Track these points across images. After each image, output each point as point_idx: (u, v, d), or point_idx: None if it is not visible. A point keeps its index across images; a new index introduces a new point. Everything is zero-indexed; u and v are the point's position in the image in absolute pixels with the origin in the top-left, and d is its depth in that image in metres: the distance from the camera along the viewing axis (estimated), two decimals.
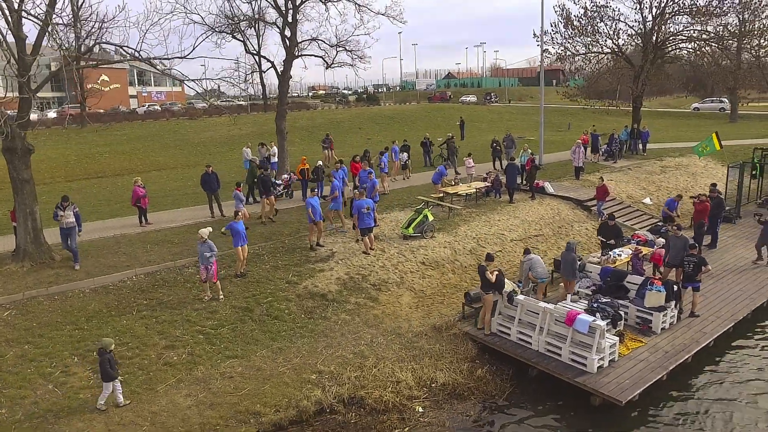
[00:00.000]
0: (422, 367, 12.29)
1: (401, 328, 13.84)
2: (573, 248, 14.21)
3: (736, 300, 14.92)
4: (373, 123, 44.78)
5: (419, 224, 18.01)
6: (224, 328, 13.39)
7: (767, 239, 17.09)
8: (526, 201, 21.90)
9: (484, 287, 13.14)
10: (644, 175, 27.12)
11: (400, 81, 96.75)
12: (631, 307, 13.49)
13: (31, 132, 37.89)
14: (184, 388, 11.49)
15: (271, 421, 10.72)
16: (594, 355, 11.38)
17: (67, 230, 15.03)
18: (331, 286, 15.29)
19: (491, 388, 11.85)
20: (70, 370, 11.71)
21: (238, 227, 15.11)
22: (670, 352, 12.31)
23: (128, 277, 15.14)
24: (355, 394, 11.47)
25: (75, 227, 15.21)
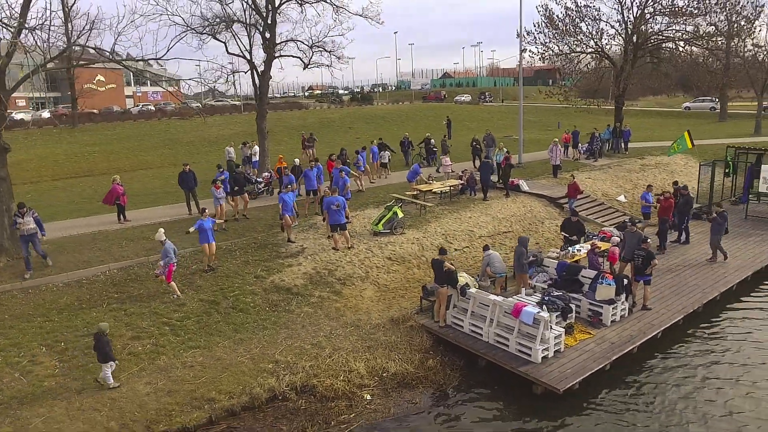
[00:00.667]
0: (375, 358, 12.74)
1: (360, 321, 14.31)
2: (524, 243, 14.62)
3: (690, 294, 15.31)
4: (364, 122, 45.28)
5: (389, 221, 18.46)
6: (190, 320, 13.89)
7: (715, 237, 17.44)
8: (500, 199, 22.32)
9: (438, 281, 13.58)
10: (623, 173, 27.51)
11: (396, 81, 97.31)
12: (584, 301, 13.92)
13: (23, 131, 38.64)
14: (145, 376, 11.98)
15: (224, 407, 11.20)
16: (538, 345, 11.81)
17: (28, 237, 14.86)
18: (298, 280, 15.77)
19: (440, 378, 12.30)
20: (37, 360, 12.20)
21: (204, 225, 15.59)
22: (616, 343, 12.73)
23: (102, 271, 15.66)
24: (308, 382, 11.94)
25: (36, 232, 15.07)
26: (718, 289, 15.61)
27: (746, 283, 16.70)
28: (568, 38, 30.84)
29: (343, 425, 10.83)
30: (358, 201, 21.60)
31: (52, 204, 21.91)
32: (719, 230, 17.20)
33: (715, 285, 15.87)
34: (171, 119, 43.92)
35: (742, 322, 14.82)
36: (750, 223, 21.87)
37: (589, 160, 29.71)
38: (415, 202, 20.74)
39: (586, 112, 35.35)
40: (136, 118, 47.81)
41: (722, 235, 17.38)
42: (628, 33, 30.16)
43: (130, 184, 25.12)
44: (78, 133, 38.95)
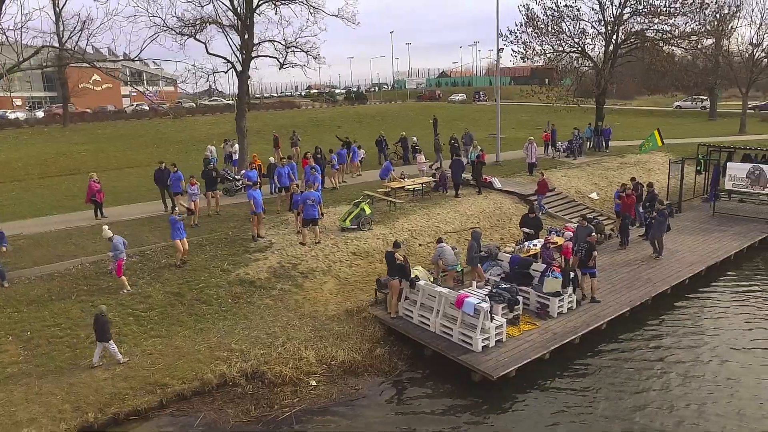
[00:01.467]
0: (326, 347, 13.28)
1: (317, 312, 14.84)
2: (476, 237, 15.14)
3: (641, 287, 15.75)
4: (354, 121, 45.82)
5: (356, 217, 18.97)
6: (154, 311, 14.47)
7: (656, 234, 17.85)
8: (472, 196, 22.79)
9: (390, 273, 14.10)
10: (600, 171, 27.90)
11: (392, 80, 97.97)
12: (532, 293, 14.39)
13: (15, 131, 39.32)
14: (105, 363, 12.56)
15: (175, 391, 11.76)
16: (479, 335, 12.30)
17: None
18: (262, 273, 16.30)
19: (386, 366, 12.82)
20: (2, 348, 12.82)
21: (174, 222, 16.14)
22: (559, 333, 13.20)
23: (74, 265, 16.25)
24: (258, 369, 12.49)
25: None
26: (669, 283, 16.05)
27: (699, 277, 17.12)
28: (549, 38, 31.25)
29: (286, 408, 11.38)
30: (331, 198, 22.13)
31: (35, 201, 22.58)
32: (661, 227, 17.66)
33: (667, 279, 16.30)
34: (162, 119, 44.63)
35: (688, 314, 15.28)
36: (717, 220, 22.25)
37: (569, 158, 30.09)
38: (385, 199, 21.24)
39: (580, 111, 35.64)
40: (128, 117, 48.64)
41: (664, 232, 17.78)
42: (608, 33, 30.54)
43: (114, 182, 25.77)
44: (69, 132, 39.71)
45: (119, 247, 14.78)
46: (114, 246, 14.74)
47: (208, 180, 19.87)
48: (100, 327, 12.22)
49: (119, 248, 14.78)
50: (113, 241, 14.77)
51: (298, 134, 30.40)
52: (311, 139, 38.18)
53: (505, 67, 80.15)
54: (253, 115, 47.87)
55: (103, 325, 12.23)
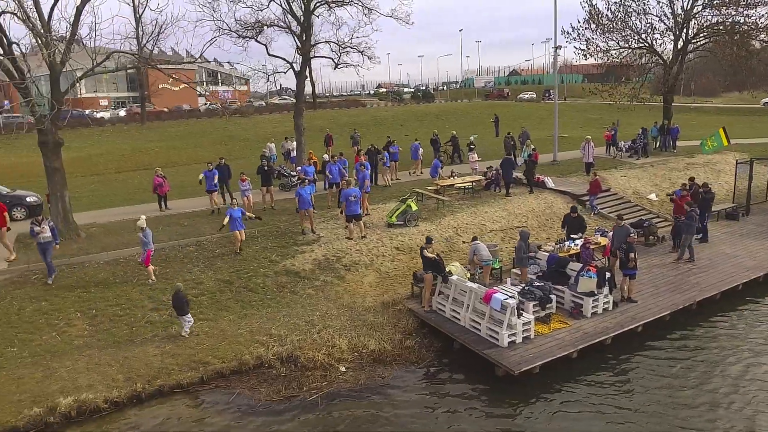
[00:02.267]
0: (358, 336, 13.82)
1: (355, 303, 15.43)
2: (524, 237, 15.15)
3: (687, 291, 15.24)
4: (417, 120, 46.18)
5: (402, 213, 19.42)
6: (204, 296, 15.57)
7: (686, 237, 17.14)
8: (523, 195, 22.66)
9: (425, 267, 14.46)
10: (664, 171, 26.86)
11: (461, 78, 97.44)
12: (567, 292, 14.30)
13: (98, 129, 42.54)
14: (157, 341, 13.73)
15: (215, 369, 12.69)
16: (505, 330, 12.44)
17: (44, 245, 15.42)
18: (307, 265, 17.09)
19: (414, 357, 13.22)
20: (72, 323, 14.26)
21: (233, 213, 17.24)
22: (589, 333, 13.09)
23: (137, 252, 17.67)
24: (292, 353, 13.21)
25: (51, 241, 15.60)
26: (719, 288, 15.41)
27: (756, 284, 16.29)
28: (613, 34, 30.33)
29: (314, 391, 12.03)
30: (382, 195, 22.69)
31: (110, 193, 24.61)
32: (689, 230, 16.94)
33: (717, 284, 15.65)
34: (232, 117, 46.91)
35: (735, 322, 14.61)
36: None
37: (632, 158, 29.11)
38: (433, 197, 21.54)
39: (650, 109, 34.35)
40: (201, 116, 51.37)
41: (693, 235, 17.22)
42: (678, 27, 29.25)
43: (182, 176, 27.57)
44: (145, 130, 42.64)
45: (147, 239, 15.58)
46: (145, 236, 15.52)
47: (263, 176, 20.88)
48: (178, 302, 13.46)
49: (147, 239, 15.57)
50: (144, 232, 15.54)
51: (359, 133, 31.17)
52: (373, 137, 38.93)
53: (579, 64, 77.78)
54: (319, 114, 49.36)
55: (179, 300, 13.45)
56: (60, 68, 17.30)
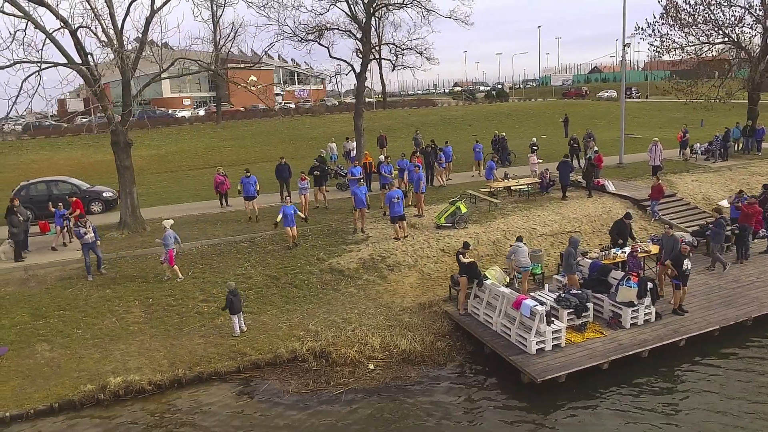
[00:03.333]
0: (391, 335, 14.08)
1: (393, 303, 15.69)
2: (574, 244, 14.68)
3: (743, 306, 14.27)
4: (486, 120, 45.57)
5: (451, 215, 19.44)
6: (252, 291, 16.40)
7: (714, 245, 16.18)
8: (581, 198, 21.98)
9: (460, 271, 14.47)
10: (742, 176, 25.10)
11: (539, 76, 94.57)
12: (606, 301, 13.83)
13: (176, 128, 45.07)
14: (203, 330, 14.67)
15: (251, 360, 13.40)
16: (533, 337, 12.26)
17: (90, 245, 16.54)
18: (352, 264, 17.54)
19: (443, 359, 13.31)
20: (130, 310, 15.52)
21: (286, 210, 18.00)
22: (624, 345, 12.62)
23: (195, 246, 18.79)
24: (325, 349, 13.67)
25: (95, 240, 16.70)
26: None
27: None
28: (693, 29, 28.60)
29: (340, 386, 12.44)
30: (437, 195, 22.74)
31: (180, 190, 26.25)
32: (718, 238, 15.88)
33: None
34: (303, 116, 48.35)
35: None
36: None
37: (708, 161, 27.37)
38: (486, 199, 21.35)
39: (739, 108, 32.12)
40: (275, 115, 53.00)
41: (722, 244, 16.27)
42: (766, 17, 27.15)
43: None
44: (220, 129, 44.84)
45: (168, 241, 16.28)
46: (165, 238, 16.30)
47: (316, 177, 21.47)
48: (229, 301, 14.16)
49: (168, 242, 16.27)
50: (166, 233, 16.28)
51: (420, 134, 31.34)
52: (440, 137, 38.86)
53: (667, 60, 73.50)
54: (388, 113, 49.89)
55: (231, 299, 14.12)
56: (130, 74, 18.73)
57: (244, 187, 20.41)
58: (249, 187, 20.25)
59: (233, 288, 14.38)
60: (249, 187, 20.26)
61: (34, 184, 22.28)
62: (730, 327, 13.56)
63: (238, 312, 14.37)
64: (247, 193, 20.31)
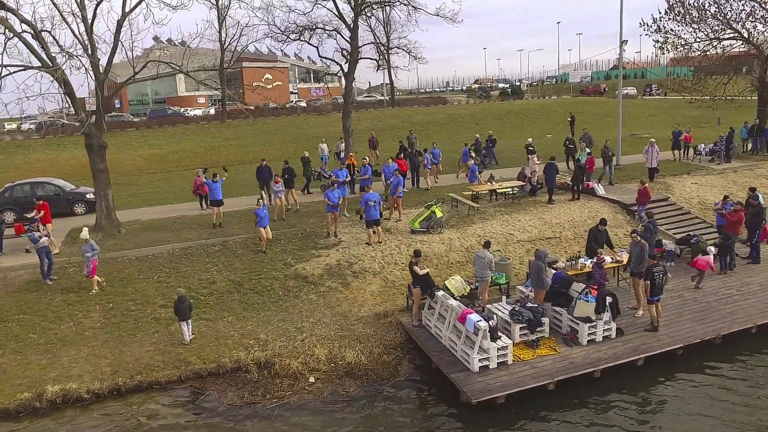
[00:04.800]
0: (340, 346, 13.65)
1: (350, 312, 15.27)
2: (541, 257, 13.90)
3: (715, 321, 13.40)
4: (494, 119, 44.59)
5: (426, 220, 18.90)
6: (213, 297, 16.21)
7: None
8: (567, 202, 21.17)
9: (414, 281, 13.96)
10: (746, 179, 23.86)
11: (558, 73, 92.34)
12: (564, 316, 13.14)
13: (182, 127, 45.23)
14: (156, 337, 14.51)
15: (194, 369, 13.15)
16: (475, 354, 11.69)
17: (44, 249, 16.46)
18: (317, 270, 17.17)
19: (386, 374, 12.83)
20: (89, 315, 15.46)
21: (258, 212, 17.73)
22: (576, 364, 11.95)
23: (167, 249, 18.67)
24: (270, 359, 13.34)
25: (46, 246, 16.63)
26: (756, 321, 13.36)
27: None
28: (701, 25, 27.31)
29: (275, 399, 12.12)
30: (420, 198, 22.18)
31: (168, 191, 26.25)
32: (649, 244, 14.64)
33: (756, 315, 13.59)
34: (310, 115, 48.09)
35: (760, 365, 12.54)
36: None
37: (713, 162, 26.13)
38: (466, 203, 20.71)
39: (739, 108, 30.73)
40: (285, 113, 52.78)
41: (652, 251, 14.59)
42: None
43: (237, 175, 28.72)
44: (224, 128, 44.93)
45: (87, 251, 15.98)
46: (84, 249, 16.01)
47: (285, 179, 21.07)
48: (177, 308, 13.96)
49: (87, 252, 15.97)
50: (89, 243, 15.97)
51: (415, 134, 30.72)
52: (445, 136, 38.22)
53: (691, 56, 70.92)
54: (396, 112, 49.32)
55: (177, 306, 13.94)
56: (103, 77, 18.70)
57: (211, 191, 20.04)
58: (217, 191, 19.89)
59: (182, 294, 14.17)
60: (217, 192, 19.89)
61: (19, 186, 22.53)
62: (696, 345, 12.73)
63: (187, 319, 14.15)
64: (214, 198, 19.95)
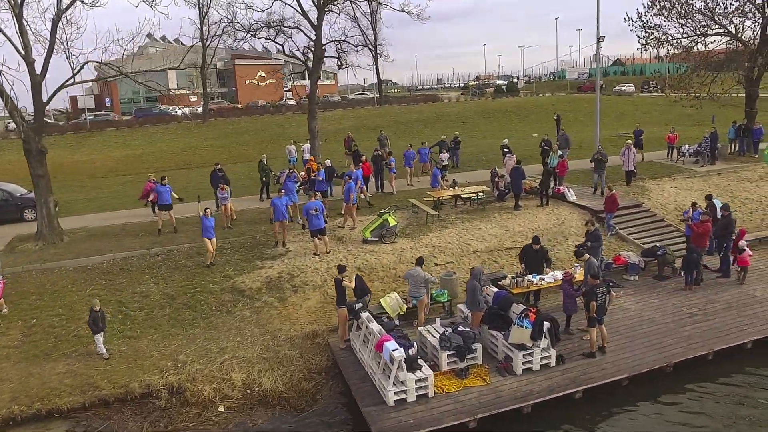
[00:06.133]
0: (259, 370, 12.67)
1: (280, 331, 14.26)
2: (477, 276, 12.79)
3: (669, 347, 12.21)
4: (482, 117, 43.18)
5: (378, 228, 17.85)
6: (142, 312, 15.25)
7: None
8: (535, 208, 20.01)
9: (338, 301, 12.93)
10: (729, 182, 22.53)
11: (557, 69, 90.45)
12: (500, 341, 12.03)
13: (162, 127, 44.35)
14: (73, 356, 13.56)
15: (101, 395, 12.20)
16: (390, 387, 10.64)
17: None
18: (256, 283, 16.18)
19: (302, 403, 11.82)
20: (8, 331, 14.56)
21: (204, 221, 16.75)
22: (504, 398, 10.85)
23: (107, 260, 17.77)
24: (183, 384, 12.37)
25: None
26: (713, 346, 12.16)
27: None
28: (689, 19, 25.94)
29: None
30: (382, 204, 21.09)
31: (130, 195, 25.17)
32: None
33: (713, 340, 12.38)
34: (295, 113, 47.01)
35: (725, 395, 11.37)
36: None
37: (697, 164, 24.79)
38: (425, 210, 19.59)
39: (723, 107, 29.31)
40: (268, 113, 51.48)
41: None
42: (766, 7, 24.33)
43: (200, 178, 27.66)
44: (205, 128, 44.01)
45: None
46: None
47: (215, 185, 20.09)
48: (91, 321, 13.16)
49: None
50: None
51: (386, 135, 29.61)
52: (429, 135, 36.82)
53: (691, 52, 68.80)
54: (383, 110, 48.16)
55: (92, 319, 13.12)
56: (40, 79, 17.80)
57: (159, 195, 19.11)
58: (164, 195, 18.95)
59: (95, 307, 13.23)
60: (164, 195, 18.95)
61: None
62: (644, 374, 11.57)
63: (99, 332, 13.25)
64: (162, 202, 19.02)
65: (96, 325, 13.20)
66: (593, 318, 11.81)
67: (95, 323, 13.19)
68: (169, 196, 19.11)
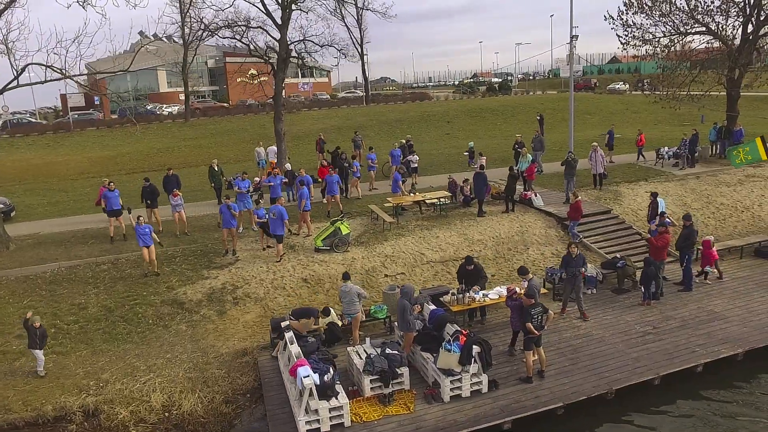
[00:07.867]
0: (181, 391, 12.06)
1: (212, 348, 13.64)
2: (407, 295, 12.05)
3: (614, 372, 11.45)
4: (468, 116, 42.24)
5: (329, 237, 17.18)
6: (77, 325, 14.66)
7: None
8: (499, 215, 19.25)
9: None
10: (706, 186, 21.67)
11: (551, 67, 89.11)
12: (430, 364, 11.33)
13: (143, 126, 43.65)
14: None
15: (9, 419, 11.60)
16: (301, 416, 9.97)
17: None
18: (197, 295, 15.56)
19: (215, 429, 11.18)
20: None
21: (137, 229, 16.11)
22: (425, 428, 10.13)
23: (51, 269, 17.15)
24: (100, 407, 11.76)
25: None
26: (658, 371, 11.39)
27: (729, 365, 11.92)
28: (670, 17, 25.03)
29: None
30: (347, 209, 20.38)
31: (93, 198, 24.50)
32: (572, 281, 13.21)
33: (661, 363, 11.61)
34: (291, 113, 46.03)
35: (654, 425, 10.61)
36: None
37: (676, 167, 23.94)
38: (381, 216, 18.87)
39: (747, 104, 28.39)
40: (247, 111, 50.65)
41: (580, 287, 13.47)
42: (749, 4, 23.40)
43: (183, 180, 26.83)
44: (187, 127, 43.33)
45: None
46: None
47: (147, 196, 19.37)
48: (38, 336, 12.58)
49: None
50: None
51: (360, 135, 28.83)
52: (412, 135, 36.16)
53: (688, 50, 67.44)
54: (368, 109, 47.37)
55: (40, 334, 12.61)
56: None
57: (107, 201, 18.42)
58: (112, 200, 18.29)
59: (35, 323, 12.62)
60: (112, 201, 18.29)
61: None
62: (581, 402, 10.83)
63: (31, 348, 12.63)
64: (111, 208, 18.38)
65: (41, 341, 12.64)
66: (528, 340, 11.10)
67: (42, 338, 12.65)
68: (117, 201, 18.43)
